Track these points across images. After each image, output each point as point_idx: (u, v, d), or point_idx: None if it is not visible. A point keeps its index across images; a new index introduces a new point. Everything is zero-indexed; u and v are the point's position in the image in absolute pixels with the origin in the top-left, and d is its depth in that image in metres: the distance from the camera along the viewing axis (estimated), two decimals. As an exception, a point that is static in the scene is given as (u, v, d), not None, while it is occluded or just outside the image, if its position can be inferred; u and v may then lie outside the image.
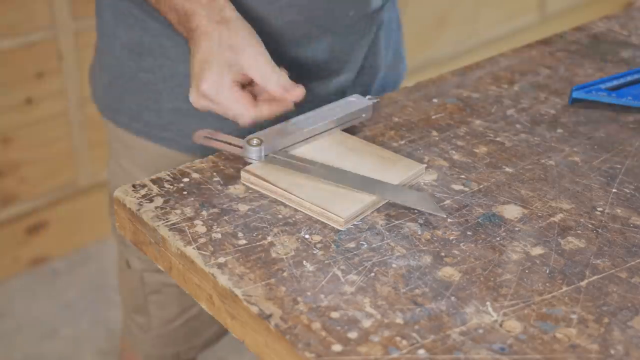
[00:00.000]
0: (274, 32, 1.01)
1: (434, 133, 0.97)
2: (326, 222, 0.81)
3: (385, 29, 1.17)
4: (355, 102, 0.96)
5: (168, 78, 1.06)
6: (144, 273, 1.20)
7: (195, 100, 0.88)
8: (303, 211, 0.83)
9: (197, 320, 1.24)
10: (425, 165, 0.88)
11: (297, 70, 1.06)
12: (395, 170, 0.87)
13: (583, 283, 0.74)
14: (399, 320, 0.70)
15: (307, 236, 0.79)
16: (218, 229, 0.80)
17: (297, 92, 0.88)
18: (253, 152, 0.87)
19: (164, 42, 1.05)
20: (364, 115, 0.96)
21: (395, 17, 1.22)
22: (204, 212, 0.82)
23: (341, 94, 1.11)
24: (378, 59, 1.16)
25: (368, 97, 0.97)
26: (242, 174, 0.87)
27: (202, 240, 0.79)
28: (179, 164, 1.08)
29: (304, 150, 0.91)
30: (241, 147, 0.87)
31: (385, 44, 1.18)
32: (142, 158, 1.13)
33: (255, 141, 0.88)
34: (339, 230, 0.80)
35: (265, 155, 0.88)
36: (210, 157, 0.91)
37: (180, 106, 1.06)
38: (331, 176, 0.86)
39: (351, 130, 0.96)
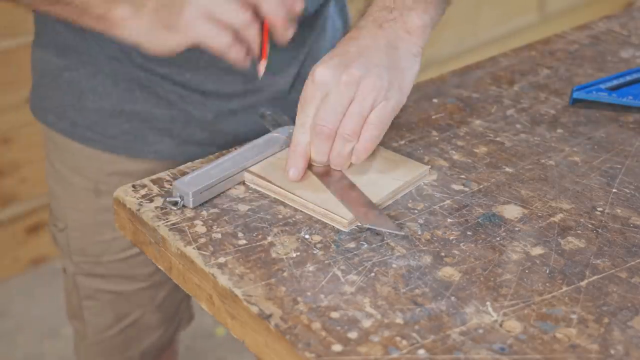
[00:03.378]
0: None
1: (434, 133, 0.97)
2: (330, 223, 0.81)
3: (328, 37, 1.14)
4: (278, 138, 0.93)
5: (91, 76, 1.05)
6: (77, 277, 1.19)
7: (191, 28, 0.84)
8: (306, 212, 0.83)
9: (133, 329, 1.23)
10: (430, 166, 0.88)
11: (225, 80, 1.05)
12: (399, 172, 0.87)
13: (583, 283, 0.74)
14: (399, 320, 0.70)
15: (307, 236, 0.79)
16: (218, 229, 0.80)
17: None
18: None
19: (88, 39, 1.04)
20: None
21: (341, 27, 1.19)
22: (204, 212, 0.82)
23: (277, 101, 1.10)
24: None
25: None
26: (245, 174, 0.87)
27: (202, 240, 0.79)
28: (106, 165, 1.09)
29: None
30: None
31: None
32: (71, 158, 1.12)
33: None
34: (339, 231, 0.80)
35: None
36: (210, 157, 0.91)
37: (104, 106, 1.06)
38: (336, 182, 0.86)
39: None
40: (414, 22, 0.87)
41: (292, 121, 0.90)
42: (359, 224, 0.81)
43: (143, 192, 0.86)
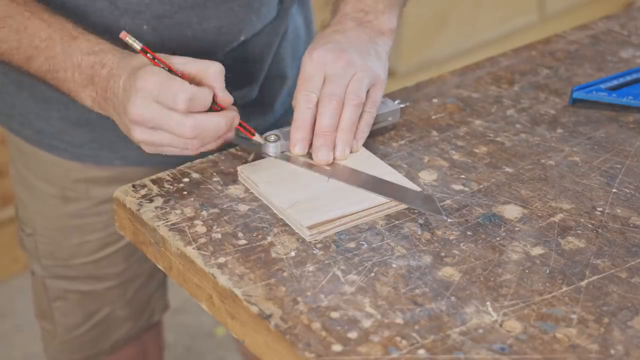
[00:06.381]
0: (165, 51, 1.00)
1: (434, 133, 0.97)
2: (296, 230, 0.80)
3: (289, 39, 1.15)
4: (382, 106, 0.95)
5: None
6: (46, 279, 1.19)
7: (134, 135, 0.82)
8: (280, 216, 0.82)
9: (102, 325, 1.23)
10: (421, 190, 0.86)
11: None
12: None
13: (583, 283, 0.74)
14: (399, 320, 0.70)
15: (307, 236, 0.79)
16: (218, 229, 0.80)
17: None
18: (270, 148, 0.89)
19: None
20: (390, 119, 0.95)
21: (302, 24, 1.19)
22: (204, 212, 0.82)
23: (244, 106, 1.09)
24: (283, 70, 1.14)
25: (397, 101, 0.96)
26: (239, 170, 0.87)
27: (202, 240, 0.79)
28: (73, 172, 1.08)
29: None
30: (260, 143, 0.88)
31: (292, 53, 1.16)
32: (36, 165, 1.11)
33: (272, 137, 0.89)
34: (339, 230, 0.80)
35: (282, 152, 0.89)
36: (210, 157, 0.91)
37: (69, 115, 1.05)
38: (341, 176, 0.85)
39: None
40: (386, 25, 0.97)
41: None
42: (356, 222, 0.80)
43: (143, 192, 0.86)
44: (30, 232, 1.18)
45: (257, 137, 0.88)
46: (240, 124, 0.86)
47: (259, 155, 0.90)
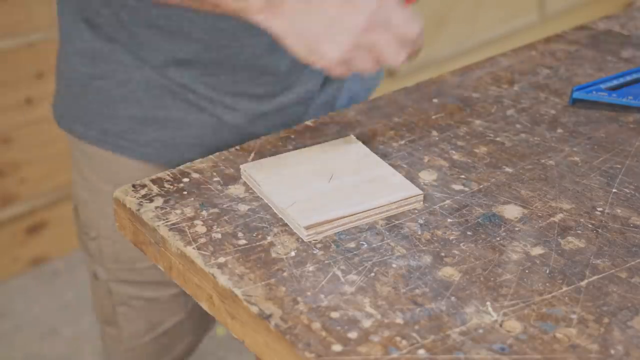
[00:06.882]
0: (232, 43, 1.00)
1: (434, 133, 0.97)
2: (295, 231, 0.80)
3: None
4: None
5: (122, 84, 1.04)
6: (110, 283, 1.18)
7: (357, 22, 0.79)
8: (280, 216, 0.82)
9: (166, 337, 1.23)
10: (423, 193, 0.85)
11: (257, 81, 1.04)
12: (391, 191, 0.84)
13: (583, 283, 0.74)
14: (399, 320, 0.70)
15: (307, 236, 0.79)
16: (218, 229, 0.80)
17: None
18: None
19: (117, 47, 1.03)
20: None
21: None
22: (204, 212, 0.82)
23: (305, 103, 1.10)
24: None
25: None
26: (241, 169, 0.87)
27: (202, 240, 0.79)
28: (138, 173, 1.07)
29: (310, 150, 0.90)
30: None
31: None
32: (101, 166, 1.11)
33: None
34: (339, 230, 0.80)
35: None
36: (210, 157, 0.92)
37: (135, 113, 1.05)
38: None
39: (354, 127, 0.96)
40: None
41: None
42: (356, 223, 0.81)
43: (143, 192, 0.86)
44: (94, 236, 1.16)
45: None
46: None
47: (260, 154, 0.90)
